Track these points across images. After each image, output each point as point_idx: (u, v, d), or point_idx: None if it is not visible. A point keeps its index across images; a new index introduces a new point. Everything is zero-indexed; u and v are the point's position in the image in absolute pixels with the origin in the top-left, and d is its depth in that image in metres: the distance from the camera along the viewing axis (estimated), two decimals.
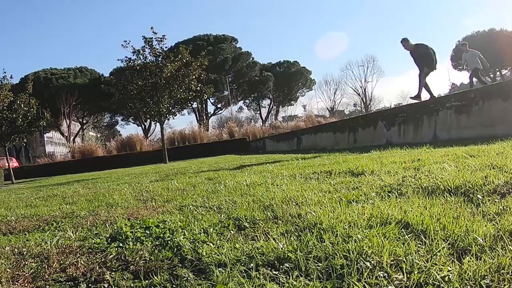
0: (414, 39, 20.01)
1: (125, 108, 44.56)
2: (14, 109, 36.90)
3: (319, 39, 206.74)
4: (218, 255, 3.39)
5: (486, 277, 2.57)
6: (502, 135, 9.58)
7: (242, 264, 3.15)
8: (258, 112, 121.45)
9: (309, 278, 2.80)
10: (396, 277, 2.67)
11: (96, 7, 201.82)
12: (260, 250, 3.39)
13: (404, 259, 2.84)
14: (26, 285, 3.25)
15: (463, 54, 25.19)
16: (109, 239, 4.36)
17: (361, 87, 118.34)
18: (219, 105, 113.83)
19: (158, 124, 41.03)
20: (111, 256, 3.72)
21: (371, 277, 2.68)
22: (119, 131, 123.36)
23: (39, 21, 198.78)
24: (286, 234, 3.77)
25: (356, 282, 2.62)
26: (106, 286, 3.12)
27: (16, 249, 4.33)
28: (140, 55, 35.87)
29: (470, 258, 2.79)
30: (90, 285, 3.17)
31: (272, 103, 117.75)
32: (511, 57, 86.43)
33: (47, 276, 3.36)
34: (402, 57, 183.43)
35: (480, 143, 9.18)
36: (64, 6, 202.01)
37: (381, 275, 2.70)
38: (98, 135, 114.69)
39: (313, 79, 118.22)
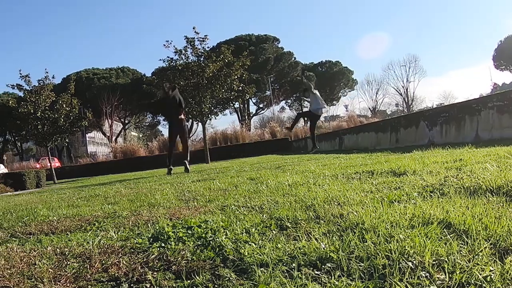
0: (455, 39, 20.05)
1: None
2: (56, 109, 37.39)
3: (361, 39, 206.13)
4: (260, 255, 3.38)
5: None
6: None
7: (284, 264, 3.13)
8: (300, 112, 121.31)
9: (351, 278, 2.79)
10: (438, 277, 2.65)
11: (138, 7, 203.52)
12: (302, 250, 3.38)
13: (446, 259, 2.82)
14: (68, 285, 3.25)
15: None
16: (151, 239, 4.37)
17: (403, 87, 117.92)
18: (261, 105, 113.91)
19: (200, 124, 41.16)
20: (153, 256, 3.73)
21: (413, 277, 2.67)
22: (161, 131, 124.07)
23: (81, 22, 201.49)
24: (328, 234, 3.76)
25: (398, 282, 2.61)
26: (148, 286, 3.12)
27: (58, 249, 4.34)
28: (182, 55, 36.03)
29: None
30: (132, 285, 3.18)
31: None
32: None
33: (89, 276, 3.37)
34: (444, 57, 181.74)
35: None
36: (107, 6, 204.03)
37: (423, 275, 2.69)
38: (140, 135, 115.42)
39: (355, 79, 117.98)
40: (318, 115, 21.65)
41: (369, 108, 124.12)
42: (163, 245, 4.09)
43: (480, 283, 2.51)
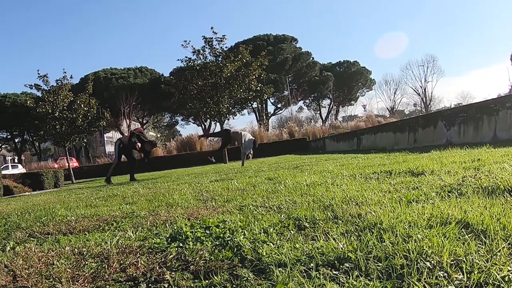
0: (474, 39, 20.15)
1: (185, 108, 44.66)
2: (74, 109, 37.61)
3: (379, 39, 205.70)
4: (278, 255, 3.38)
5: None
6: None
7: (302, 264, 3.13)
8: (318, 112, 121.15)
9: (369, 278, 2.79)
10: (456, 277, 2.65)
11: (156, 7, 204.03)
12: (320, 250, 3.38)
13: (464, 259, 2.81)
14: (86, 285, 3.27)
15: None
16: (169, 239, 4.38)
17: (421, 87, 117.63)
18: (279, 105, 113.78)
19: (218, 124, 41.23)
20: (171, 256, 3.74)
21: (431, 277, 2.67)
22: (179, 131, 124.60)
23: (99, 22, 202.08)
24: (346, 234, 3.76)
25: (416, 282, 2.61)
26: (166, 286, 3.12)
27: (76, 249, 4.36)
28: (200, 55, 36.13)
29: None
30: (150, 285, 3.19)
31: (332, 103, 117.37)
32: None
33: (107, 276, 3.38)
34: (462, 57, 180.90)
35: None
36: (125, 6, 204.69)
37: (441, 275, 2.68)
38: (158, 135, 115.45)
39: (373, 79, 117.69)
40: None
41: (387, 108, 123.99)
42: (181, 245, 4.11)
43: (498, 283, 2.51)
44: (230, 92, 35.01)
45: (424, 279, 2.64)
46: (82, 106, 37.73)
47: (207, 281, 3.09)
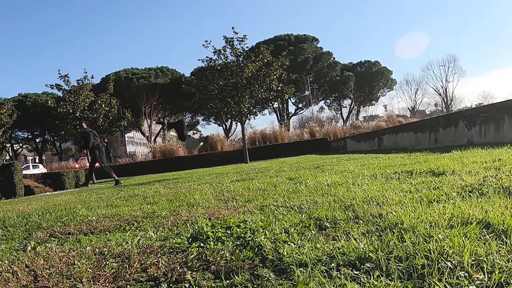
0: (494, 39, 20.11)
1: (206, 108, 44.66)
2: (95, 109, 37.72)
3: (400, 39, 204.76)
4: (299, 255, 3.39)
5: None
6: None
7: (323, 264, 3.14)
8: (339, 112, 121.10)
9: (390, 278, 2.80)
10: (477, 277, 2.65)
11: (177, 8, 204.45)
12: (341, 250, 3.39)
13: (485, 259, 2.81)
14: (107, 285, 3.30)
15: None
16: (190, 239, 4.40)
17: (442, 87, 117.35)
18: (300, 105, 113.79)
19: (239, 124, 41.15)
20: (192, 256, 3.75)
21: (452, 277, 2.67)
22: (200, 131, 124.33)
23: (120, 22, 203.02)
24: (367, 234, 3.77)
25: (437, 282, 2.62)
26: (187, 286, 3.14)
27: (97, 249, 4.39)
28: (221, 55, 36.09)
29: None
30: (171, 285, 3.20)
31: (353, 103, 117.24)
32: None
33: (128, 276, 3.41)
34: (483, 57, 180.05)
35: None
36: (146, 7, 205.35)
37: (462, 275, 2.69)
38: None
39: (394, 79, 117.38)
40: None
41: (408, 108, 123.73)
42: (202, 245, 4.12)
43: None
44: (251, 92, 34.90)
45: (445, 279, 2.65)
46: (103, 106, 37.83)
47: (228, 281, 3.11)
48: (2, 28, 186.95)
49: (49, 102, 39.05)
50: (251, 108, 37.93)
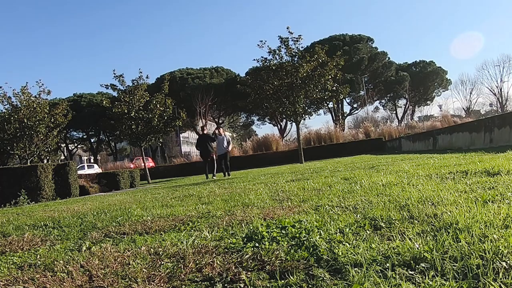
0: None
1: (261, 108, 44.63)
2: (150, 109, 38.02)
3: (455, 39, 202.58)
4: (354, 255, 3.40)
5: None
6: None
7: (378, 264, 3.15)
8: (394, 112, 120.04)
9: (445, 278, 2.79)
10: None
11: (233, 9, 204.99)
12: (396, 250, 3.40)
13: None
14: (162, 285, 3.34)
15: None
16: (245, 239, 4.43)
17: (497, 87, 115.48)
18: (355, 105, 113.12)
19: (294, 124, 41.06)
20: (247, 256, 3.78)
21: (507, 277, 2.66)
22: (255, 131, 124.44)
23: (175, 23, 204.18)
24: (422, 234, 3.76)
25: (492, 282, 2.61)
26: (242, 286, 3.16)
27: (152, 249, 4.47)
28: (276, 55, 36.03)
29: None
30: (226, 285, 3.23)
31: (407, 103, 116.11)
32: None
33: (183, 276, 3.45)
34: None
35: None
36: (201, 8, 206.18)
37: None
38: (234, 135, 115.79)
39: (449, 79, 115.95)
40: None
41: (463, 108, 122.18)
42: (257, 245, 4.15)
43: None
44: (306, 92, 34.74)
45: (500, 279, 2.64)
46: (158, 106, 38.09)
47: (283, 281, 3.13)
48: (59, 30, 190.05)
49: (104, 102, 39.43)
50: (306, 108, 37.83)
